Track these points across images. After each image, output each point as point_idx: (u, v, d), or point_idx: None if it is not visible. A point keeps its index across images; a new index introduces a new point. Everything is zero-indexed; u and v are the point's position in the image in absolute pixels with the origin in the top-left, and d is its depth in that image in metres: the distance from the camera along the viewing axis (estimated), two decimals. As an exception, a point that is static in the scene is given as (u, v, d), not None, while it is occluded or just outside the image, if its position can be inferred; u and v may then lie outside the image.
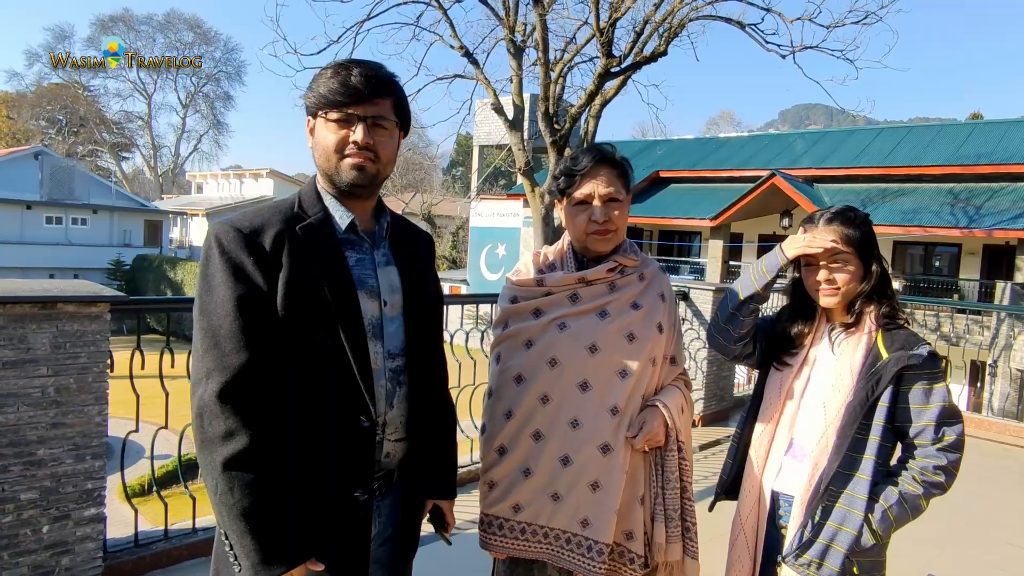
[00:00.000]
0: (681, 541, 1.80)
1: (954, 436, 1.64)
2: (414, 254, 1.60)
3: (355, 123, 1.40)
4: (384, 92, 1.43)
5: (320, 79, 1.42)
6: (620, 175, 1.80)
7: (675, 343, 1.92)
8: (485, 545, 1.86)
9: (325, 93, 1.40)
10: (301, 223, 1.41)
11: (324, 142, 1.43)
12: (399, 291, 1.52)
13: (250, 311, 1.32)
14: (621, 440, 1.74)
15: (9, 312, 2.45)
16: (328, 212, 1.46)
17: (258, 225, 1.37)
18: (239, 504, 1.28)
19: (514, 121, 12.75)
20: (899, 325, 1.74)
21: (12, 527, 2.47)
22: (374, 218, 1.55)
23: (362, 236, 1.49)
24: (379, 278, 1.50)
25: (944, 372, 1.71)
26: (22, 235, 30.27)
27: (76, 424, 2.60)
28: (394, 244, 1.56)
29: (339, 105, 1.39)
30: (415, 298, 1.55)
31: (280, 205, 1.46)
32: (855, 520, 1.67)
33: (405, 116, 1.50)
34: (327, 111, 1.40)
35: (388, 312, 1.49)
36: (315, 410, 1.37)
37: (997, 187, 18.11)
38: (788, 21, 11.39)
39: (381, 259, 1.52)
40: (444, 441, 1.70)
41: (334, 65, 1.43)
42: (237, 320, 1.31)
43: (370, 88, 1.40)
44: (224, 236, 1.35)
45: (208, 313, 1.33)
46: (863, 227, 1.76)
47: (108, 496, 2.77)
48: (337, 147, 1.41)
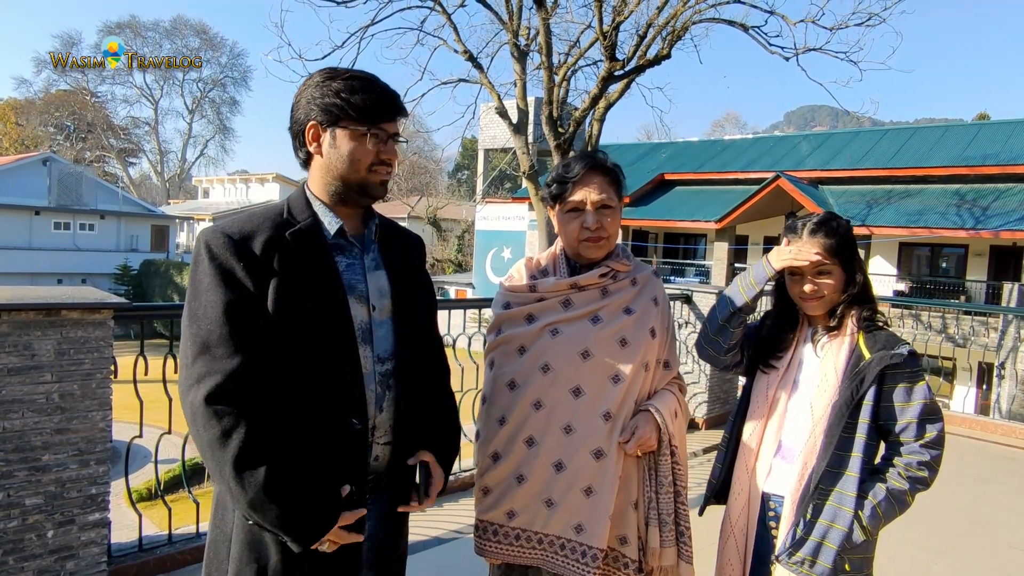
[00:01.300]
0: (675, 545, 1.82)
1: (935, 432, 1.70)
2: (404, 257, 1.61)
3: (386, 139, 1.45)
4: (404, 112, 1.51)
5: (345, 89, 1.42)
6: (612, 182, 1.82)
7: (668, 347, 1.93)
8: (480, 551, 1.87)
9: (359, 104, 1.41)
10: (291, 228, 1.42)
11: (355, 153, 1.43)
12: (388, 295, 1.53)
13: (240, 317, 1.33)
14: (614, 445, 1.76)
15: (14, 319, 2.48)
16: (317, 218, 1.47)
17: (248, 231, 1.39)
18: (262, 492, 1.29)
19: (518, 125, 12.78)
20: (879, 327, 1.79)
21: (17, 532, 2.50)
22: (363, 223, 1.56)
23: (351, 241, 1.50)
24: (368, 282, 1.51)
25: (924, 371, 1.76)
26: (31, 240, 30.50)
27: (80, 430, 2.63)
28: (383, 248, 1.57)
29: (377, 120, 1.44)
30: (404, 302, 1.56)
31: (270, 211, 1.47)
32: (845, 517, 1.70)
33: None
34: (360, 124, 1.42)
35: (377, 316, 1.50)
36: (306, 414, 1.38)
37: (1004, 188, 18.02)
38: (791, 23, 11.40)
39: (370, 263, 1.53)
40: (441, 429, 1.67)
41: (360, 77, 1.45)
42: (226, 326, 1.32)
43: (399, 107, 1.48)
44: (214, 242, 1.36)
45: (197, 319, 1.34)
46: (846, 235, 1.80)
47: (114, 500, 2.80)
48: (370, 161, 1.45)
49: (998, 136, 19.31)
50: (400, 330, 1.54)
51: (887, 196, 19.49)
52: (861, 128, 24.09)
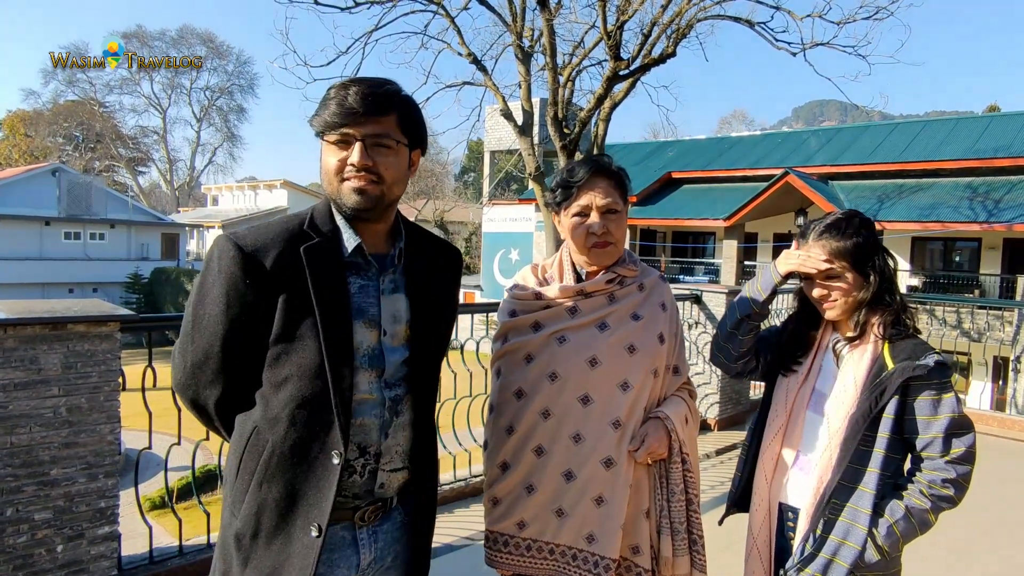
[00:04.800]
0: (688, 554, 1.78)
1: (963, 448, 1.59)
2: (433, 279, 1.53)
3: (352, 143, 1.35)
4: (384, 109, 1.36)
5: (321, 103, 1.39)
6: (617, 185, 1.78)
7: (677, 353, 1.90)
8: (491, 562, 1.84)
9: (324, 116, 1.36)
10: (307, 242, 1.37)
11: (325, 165, 1.39)
12: (404, 320, 1.46)
13: (240, 336, 1.34)
14: (624, 454, 1.72)
15: (20, 334, 2.48)
16: (338, 233, 1.41)
17: (261, 244, 1.35)
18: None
19: (524, 126, 12.76)
20: (906, 334, 1.69)
21: (27, 547, 2.50)
22: (389, 240, 1.48)
23: (369, 260, 1.43)
24: (382, 306, 1.43)
25: (953, 383, 1.66)
26: (42, 251, 30.78)
27: (88, 443, 2.63)
28: (409, 270, 1.49)
29: (336, 126, 1.35)
30: (424, 327, 1.49)
31: (290, 222, 1.42)
32: (859, 534, 1.63)
33: (415, 132, 1.43)
34: (327, 133, 1.37)
35: (389, 342, 1.43)
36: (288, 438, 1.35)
37: (1016, 180, 17.85)
38: (798, 19, 11.34)
39: (387, 286, 1.45)
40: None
41: (335, 86, 1.39)
42: (222, 352, 1.35)
43: (367, 106, 1.33)
44: (225, 253, 1.34)
45: (200, 327, 1.36)
46: (858, 236, 1.70)
47: (127, 509, 2.78)
48: (337, 169, 1.36)
49: (1009, 128, 19.13)
50: (417, 357, 1.47)
51: (898, 191, 19.34)
52: (871, 122, 23.94)
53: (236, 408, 1.43)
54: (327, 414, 1.34)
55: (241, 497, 1.38)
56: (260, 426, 1.37)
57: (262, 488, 1.35)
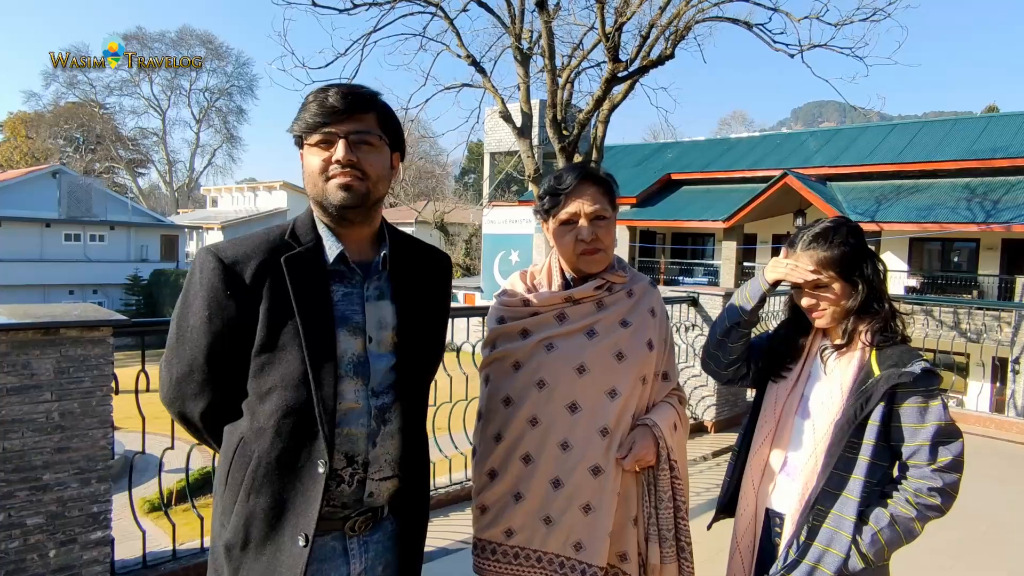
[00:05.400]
0: (676, 561, 1.78)
1: (951, 456, 1.58)
2: (421, 284, 1.53)
3: (336, 141, 1.36)
4: (365, 107, 1.38)
5: (300, 109, 1.40)
6: (605, 192, 1.78)
7: (667, 359, 1.90)
8: (479, 570, 1.84)
9: (305, 118, 1.37)
10: (288, 252, 1.38)
11: (309, 167, 1.39)
12: (391, 327, 1.46)
13: (223, 350, 1.35)
14: (612, 461, 1.72)
15: (12, 339, 2.48)
16: (320, 242, 1.41)
17: (241, 255, 1.35)
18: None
19: (523, 128, 12.75)
20: (894, 341, 1.69)
21: (19, 552, 2.50)
22: (373, 247, 1.48)
23: (353, 268, 1.43)
24: (366, 313, 1.43)
25: (941, 390, 1.65)
26: (42, 253, 30.80)
27: (81, 448, 2.63)
28: (395, 275, 1.48)
29: (319, 126, 1.36)
30: (412, 334, 1.48)
31: (271, 232, 1.42)
32: (843, 542, 1.62)
33: (393, 133, 1.45)
34: (308, 135, 1.38)
35: (375, 349, 1.43)
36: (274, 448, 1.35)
37: (1014, 180, 17.84)
38: (796, 20, 11.33)
39: (372, 293, 1.45)
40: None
41: (313, 92, 1.40)
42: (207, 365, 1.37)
43: (347, 104, 1.36)
44: (206, 265, 1.35)
45: (184, 340, 1.38)
46: (845, 245, 1.70)
47: (121, 512, 2.78)
48: (321, 169, 1.37)
49: (1007, 129, 19.12)
50: (404, 363, 1.47)
51: (896, 192, 19.34)
52: (869, 123, 23.87)
53: (223, 419, 1.43)
54: (311, 424, 1.34)
55: (230, 508, 1.38)
56: (247, 437, 1.38)
57: (250, 499, 1.35)
